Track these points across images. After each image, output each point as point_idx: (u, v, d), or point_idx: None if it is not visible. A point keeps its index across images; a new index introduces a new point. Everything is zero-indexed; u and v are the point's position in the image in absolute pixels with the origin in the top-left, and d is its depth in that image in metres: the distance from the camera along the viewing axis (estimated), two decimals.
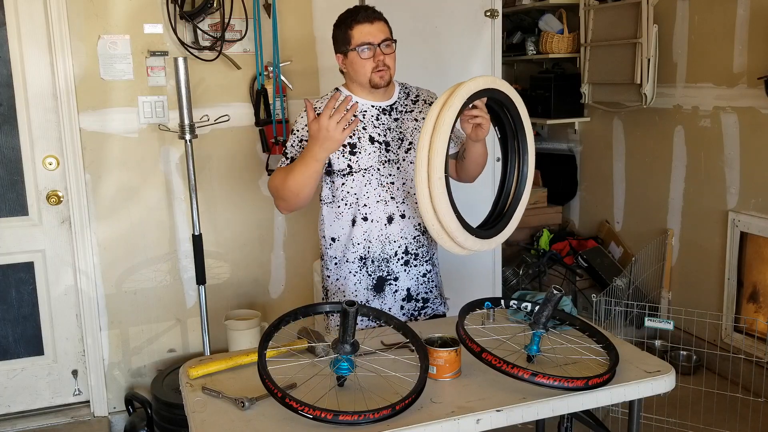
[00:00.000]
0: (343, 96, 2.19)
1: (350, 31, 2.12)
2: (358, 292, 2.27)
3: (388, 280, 2.26)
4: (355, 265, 2.26)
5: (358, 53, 2.12)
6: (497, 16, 3.63)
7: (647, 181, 4.12)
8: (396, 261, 2.26)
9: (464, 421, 1.56)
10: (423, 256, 2.29)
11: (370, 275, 2.26)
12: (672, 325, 2.82)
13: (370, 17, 2.13)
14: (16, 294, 3.18)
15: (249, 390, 1.67)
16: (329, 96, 2.24)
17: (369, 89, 2.18)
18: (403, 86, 2.30)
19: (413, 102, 2.27)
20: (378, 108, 2.21)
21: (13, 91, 3.02)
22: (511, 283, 4.41)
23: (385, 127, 2.21)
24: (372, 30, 2.12)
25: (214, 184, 3.32)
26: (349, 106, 2.02)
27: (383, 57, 2.13)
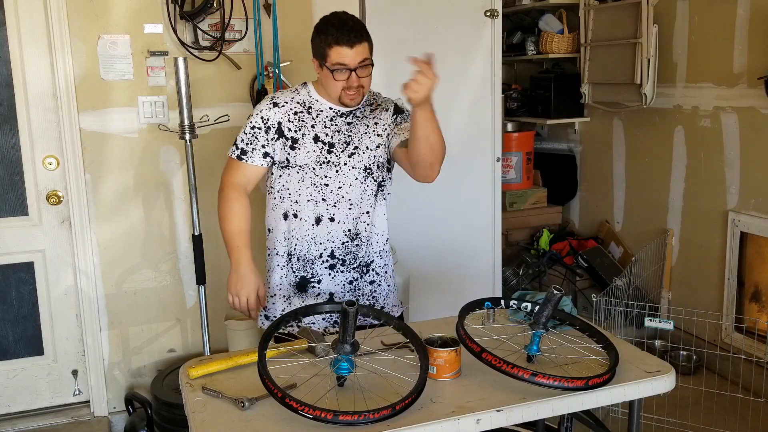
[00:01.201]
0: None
1: (328, 49, 2.09)
2: (282, 286, 2.29)
3: (311, 281, 2.26)
4: (283, 259, 2.27)
5: (332, 74, 2.11)
6: (497, 16, 3.64)
7: (647, 181, 4.12)
8: (320, 263, 2.25)
9: (464, 421, 1.56)
10: (350, 263, 2.26)
11: (294, 272, 2.26)
12: (672, 325, 2.82)
13: (352, 41, 2.07)
14: (16, 294, 3.17)
15: (249, 390, 1.67)
16: (291, 89, 2.26)
17: (330, 96, 2.19)
18: (372, 95, 2.30)
19: (371, 110, 2.26)
20: (335, 111, 2.21)
21: (13, 91, 3.02)
22: (511, 283, 4.41)
23: (336, 129, 2.20)
24: (350, 54, 2.08)
25: (214, 184, 3.31)
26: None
27: (357, 81, 2.11)
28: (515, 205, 4.61)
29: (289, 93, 2.25)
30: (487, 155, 3.79)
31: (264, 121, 2.18)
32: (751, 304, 3.58)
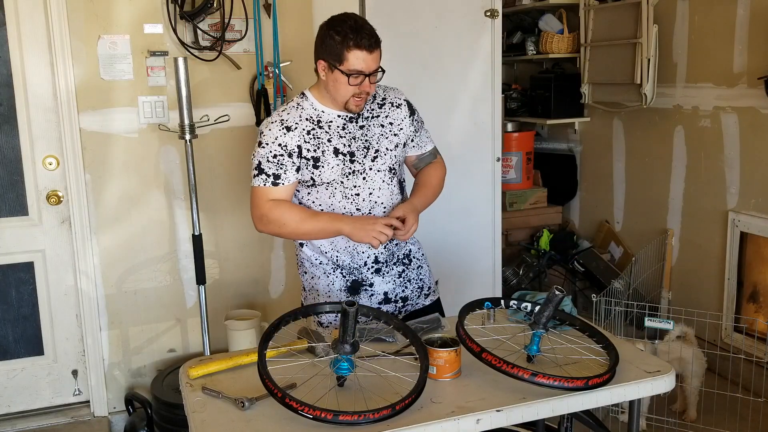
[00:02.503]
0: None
1: (346, 52, 2.02)
2: (331, 292, 2.25)
3: (364, 285, 2.26)
4: (329, 266, 2.25)
5: (347, 78, 2.05)
6: (497, 16, 3.64)
7: (647, 181, 4.12)
8: (366, 270, 2.24)
9: (464, 421, 1.56)
10: (391, 260, 2.27)
11: (345, 277, 2.25)
12: (672, 325, 2.82)
13: (372, 46, 2.03)
14: (16, 294, 3.17)
15: (249, 390, 1.67)
16: (293, 105, 2.17)
17: (334, 102, 2.14)
18: None
19: (379, 105, 2.23)
20: (344, 118, 2.16)
21: (13, 91, 3.02)
22: (511, 283, 4.41)
23: (351, 136, 2.15)
24: (368, 59, 2.03)
25: (214, 184, 3.32)
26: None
27: (369, 87, 2.08)
28: (515, 205, 4.61)
29: (294, 111, 2.15)
30: (487, 155, 3.79)
31: (283, 147, 2.10)
32: (749, 305, 3.58)
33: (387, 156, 2.19)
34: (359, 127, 2.17)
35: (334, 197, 2.16)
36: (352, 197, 2.16)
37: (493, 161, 3.80)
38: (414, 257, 2.34)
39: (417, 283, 2.34)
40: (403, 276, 2.30)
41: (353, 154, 2.15)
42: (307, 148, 2.11)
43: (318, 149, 2.12)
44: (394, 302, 2.29)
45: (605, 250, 4.47)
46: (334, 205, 2.16)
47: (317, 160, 2.12)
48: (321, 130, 2.13)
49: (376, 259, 2.24)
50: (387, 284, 2.27)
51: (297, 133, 2.11)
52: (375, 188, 2.18)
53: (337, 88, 2.08)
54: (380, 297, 2.27)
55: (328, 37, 2.06)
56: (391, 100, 2.25)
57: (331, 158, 2.12)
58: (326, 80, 2.11)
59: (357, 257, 2.22)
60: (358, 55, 2.02)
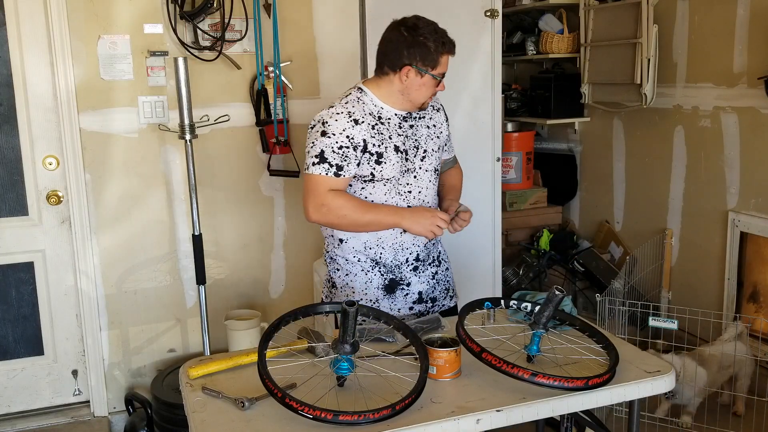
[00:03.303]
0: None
1: (440, 57, 2.11)
2: (368, 290, 2.26)
3: (401, 284, 2.27)
4: (367, 264, 2.26)
5: (435, 81, 2.14)
6: (497, 16, 3.63)
7: (647, 181, 4.12)
8: (406, 267, 2.27)
9: (464, 421, 1.56)
10: (426, 259, 2.30)
11: (383, 276, 2.26)
12: (676, 325, 2.82)
13: (454, 50, 2.16)
14: (16, 294, 3.18)
15: (249, 390, 1.67)
16: (355, 99, 2.18)
17: (404, 102, 2.17)
18: None
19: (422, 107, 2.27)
20: (399, 116, 2.20)
21: (13, 91, 3.02)
22: (511, 283, 4.40)
23: (405, 134, 2.20)
24: (448, 62, 2.16)
25: (214, 184, 3.32)
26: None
27: (443, 87, 2.19)
28: (515, 205, 4.61)
29: (357, 104, 2.16)
30: (487, 155, 3.78)
31: (350, 139, 2.10)
32: (749, 305, 3.58)
33: (433, 157, 2.26)
34: (409, 126, 2.22)
35: (389, 194, 2.19)
36: (405, 194, 2.21)
37: (493, 161, 3.80)
38: (442, 259, 2.39)
39: (444, 285, 2.38)
40: (435, 277, 2.34)
41: (407, 153, 2.19)
42: (372, 143, 2.13)
43: (381, 145, 2.15)
44: (425, 302, 2.32)
45: (605, 250, 4.47)
46: (388, 201, 2.20)
47: (380, 156, 2.14)
48: (383, 126, 2.17)
49: (417, 257, 2.27)
50: (422, 284, 2.30)
51: (364, 127, 2.13)
52: (423, 187, 2.23)
53: (422, 92, 2.15)
54: (415, 296, 2.29)
55: (419, 44, 2.10)
56: (432, 103, 2.31)
57: (392, 155, 2.16)
58: (408, 84, 2.13)
59: (400, 254, 2.24)
60: (447, 60, 2.15)
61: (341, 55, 3.42)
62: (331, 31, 3.39)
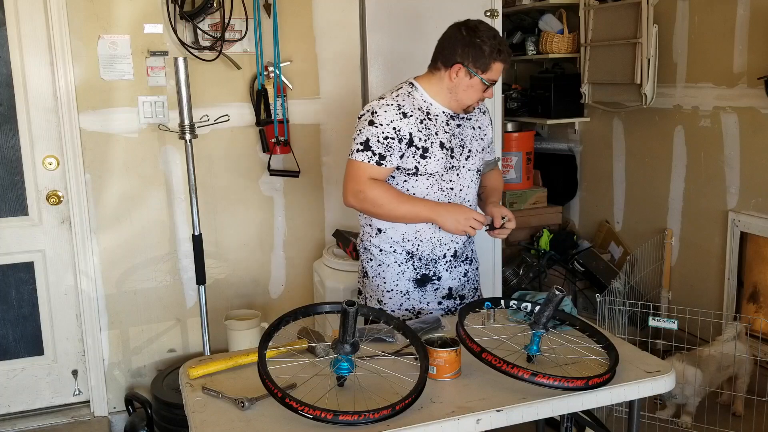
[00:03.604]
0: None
1: (493, 63, 2.13)
2: (399, 282, 2.29)
3: (432, 279, 2.30)
4: (401, 256, 2.28)
5: (484, 85, 2.16)
6: (497, 16, 3.63)
7: (647, 181, 4.12)
8: (443, 262, 2.30)
9: (464, 421, 1.56)
10: (460, 256, 2.33)
11: (416, 269, 2.29)
12: (676, 325, 2.83)
13: (509, 61, 2.17)
14: (16, 294, 3.18)
15: (249, 390, 1.67)
16: (405, 93, 2.21)
17: (451, 101, 2.20)
18: None
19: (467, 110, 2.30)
20: (447, 114, 2.23)
21: (13, 91, 3.02)
22: (511, 283, 4.40)
23: (452, 132, 2.23)
24: (501, 72, 2.17)
25: (214, 184, 3.32)
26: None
27: (491, 94, 2.20)
28: (515, 205, 4.61)
29: (407, 98, 2.19)
30: None
31: (396, 131, 2.14)
32: (749, 305, 3.58)
33: (477, 157, 2.29)
34: (456, 125, 2.25)
35: (431, 188, 2.22)
36: (447, 191, 2.24)
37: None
38: (474, 258, 2.42)
39: (473, 284, 2.42)
40: (467, 275, 2.38)
41: (452, 150, 2.22)
42: (419, 137, 2.17)
43: (428, 140, 2.18)
44: (454, 299, 2.35)
45: (605, 250, 4.47)
46: (429, 196, 2.22)
47: (426, 150, 2.17)
48: (430, 122, 2.20)
49: (455, 254, 2.30)
50: (453, 280, 2.33)
51: (412, 120, 2.16)
52: (465, 186, 2.27)
53: (469, 94, 2.18)
54: (445, 291, 2.32)
55: (475, 45, 2.13)
56: (479, 105, 2.32)
57: (437, 150, 2.19)
58: (457, 83, 2.17)
59: (437, 248, 2.27)
60: (498, 68, 2.16)
61: (341, 55, 3.42)
62: (331, 30, 3.39)
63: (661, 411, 3.16)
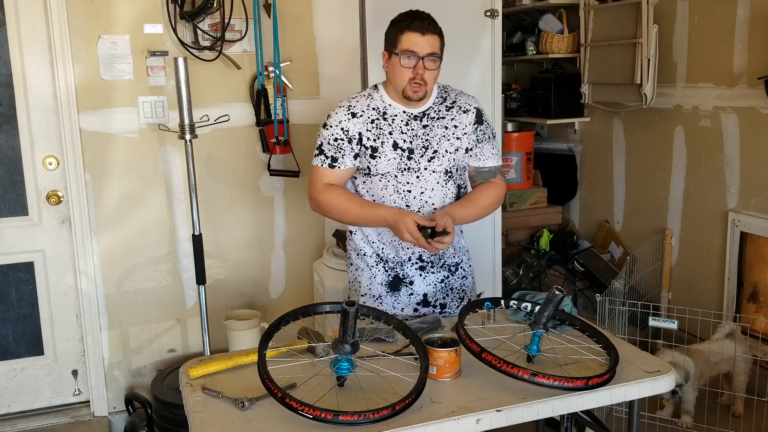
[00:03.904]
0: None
1: (400, 35, 2.11)
2: (372, 286, 2.29)
3: (404, 282, 2.28)
4: (373, 259, 2.29)
5: (399, 59, 2.11)
6: (497, 16, 3.63)
7: (647, 181, 4.12)
8: (410, 266, 2.27)
9: (464, 421, 1.56)
10: (437, 263, 2.30)
11: (387, 272, 2.28)
12: (676, 325, 2.83)
13: (424, 29, 2.10)
14: (16, 294, 3.18)
15: (249, 390, 1.67)
16: (364, 95, 2.23)
17: (396, 94, 2.19)
18: (442, 89, 2.28)
19: (447, 108, 2.25)
20: (409, 114, 2.20)
21: (13, 91, 3.02)
22: (511, 283, 4.40)
23: (413, 133, 2.20)
24: (420, 41, 2.09)
25: (215, 184, 3.32)
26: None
27: (423, 71, 2.11)
28: (515, 205, 4.61)
29: (363, 99, 2.22)
30: None
31: (345, 132, 2.17)
32: (749, 304, 3.58)
33: (445, 158, 2.22)
34: (422, 126, 2.21)
35: (386, 190, 2.21)
36: (404, 193, 2.21)
37: None
38: (461, 267, 2.37)
39: (458, 293, 2.37)
40: (446, 282, 2.33)
41: (412, 151, 2.19)
42: (368, 136, 2.17)
43: (378, 140, 2.17)
44: (433, 306, 2.32)
45: (605, 250, 4.47)
46: (385, 197, 2.21)
47: (375, 150, 2.17)
48: (384, 122, 2.19)
49: (420, 257, 2.27)
50: (428, 286, 2.30)
51: (361, 120, 2.18)
52: (428, 188, 2.22)
53: (394, 74, 2.15)
54: (419, 298, 2.30)
55: (390, 27, 2.17)
56: (461, 104, 2.28)
57: (389, 151, 2.17)
58: (388, 71, 2.18)
59: (402, 252, 2.26)
60: (410, 37, 2.10)
61: (341, 55, 3.42)
62: (331, 30, 3.39)
63: (660, 411, 3.16)
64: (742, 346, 3.08)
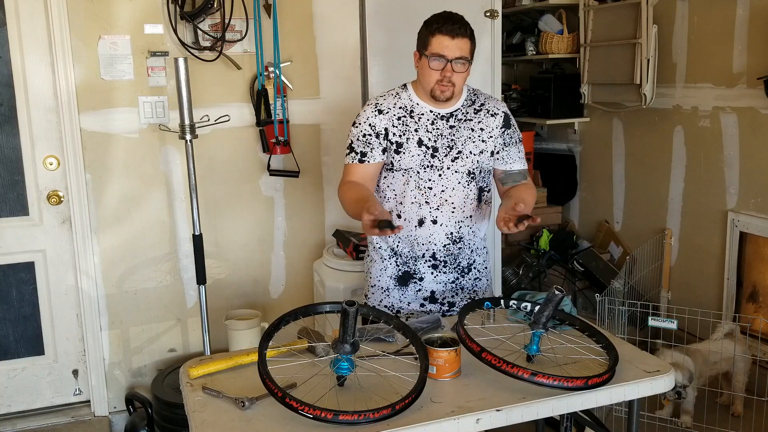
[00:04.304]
0: (390, 219, 1.95)
1: (431, 37, 2.13)
2: (381, 278, 2.32)
3: (414, 278, 2.30)
4: (386, 252, 2.31)
5: (428, 61, 2.13)
6: (497, 16, 3.63)
7: (647, 181, 4.13)
8: (423, 263, 2.29)
9: (464, 420, 1.56)
10: (451, 263, 2.30)
11: (398, 266, 2.30)
12: (675, 325, 2.83)
13: (454, 32, 2.11)
14: (17, 294, 3.18)
15: (249, 390, 1.67)
16: (393, 93, 2.27)
17: (424, 94, 2.22)
18: (472, 93, 2.30)
19: (475, 111, 2.27)
20: (436, 114, 2.23)
21: (13, 91, 3.02)
22: (510, 283, 4.41)
23: (438, 132, 2.22)
24: (450, 45, 2.11)
25: (215, 184, 3.32)
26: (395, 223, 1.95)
27: (451, 74, 2.13)
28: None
29: (391, 98, 2.25)
30: None
31: (372, 127, 2.21)
32: (749, 304, 3.58)
33: (468, 159, 2.24)
34: (449, 126, 2.23)
35: (407, 185, 2.23)
36: (425, 189, 2.23)
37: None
38: (475, 268, 2.37)
39: (469, 293, 2.37)
40: (456, 283, 2.34)
41: (436, 150, 2.21)
42: (394, 132, 2.21)
43: (403, 135, 2.21)
44: (441, 303, 2.33)
45: (605, 250, 4.47)
46: (406, 192, 2.24)
47: (400, 145, 2.21)
48: (411, 119, 2.22)
49: (434, 256, 2.28)
50: (437, 284, 2.31)
51: (387, 116, 2.22)
52: (449, 187, 2.23)
53: (423, 75, 2.18)
54: (427, 294, 2.32)
55: (423, 27, 2.19)
56: (489, 107, 2.30)
57: (413, 147, 2.20)
58: (418, 70, 2.22)
59: (416, 247, 2.27)
60: (440, 40, 2.12)
61: (341, 55, 3.42)
62: (332, 30, 3.39)
63: (660, 411, 3.16)
64: (741, 346, 3.08)
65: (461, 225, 2.27)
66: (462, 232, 2.27)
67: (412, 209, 2.24)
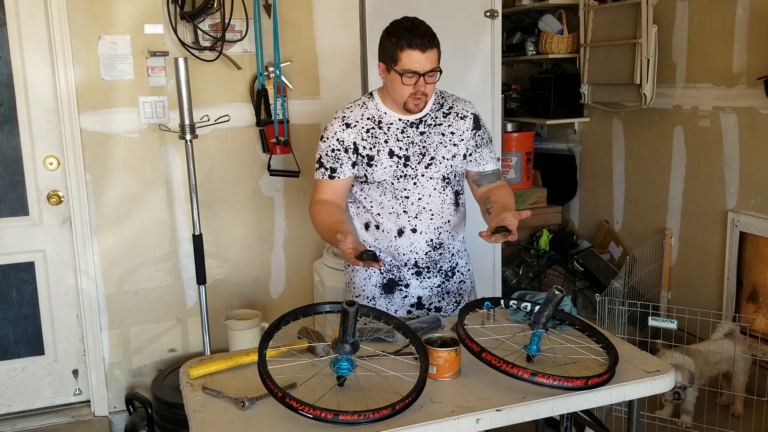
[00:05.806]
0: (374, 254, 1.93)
1: (400, 52, 2.05)
2: (366, 287, 2.29)
3: (399, 285, 2.28)
4: None
5: (401, 78, 2.07)
6: (497, 16, 3.63)
7: (647, 181, 4.13)
8: (407, 270, 2.28)
9: (464, 420, 1.57)
10: (434, 268, 2.30)
11: (382, 275, 2.28)
12: (675, 325, 2.83)
13: (425, 46, 2.04)
14: (17, 294, 3.18)
15: (249, 390, 1.67)
16: (359, 104, 2.22)
17: (393, 103, 2.18)
18: (439, 95, 2.26)
19: (444, 115, 2.24)
20: (405, 122, 2.20)
21: (13, 91, 3.03)
22: (510, 283, 4.41)
23: (409, 140, 2.19)
24: (421, 59, 2.05)
25: (215, 184, 3.33)
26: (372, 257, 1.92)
27: (424, 87, 2.09)
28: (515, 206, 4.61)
29: (358, 109, 2.21)
30: None
31: (340, 142, 2.18)
32: (749, 304, 3.58)
33: (442, 164, 2.21)
34: (419, 133, 2.20)
35: (384, 196, 2.21)
36: (402, 199, 2.21)
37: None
38: (458, 271, 2.36)
39: (455, 297, 2.36)
40: (442, 287, 2.33)
41: (408, 158, 2.18)
42: (363, 145, 2.17)
43: (374, 148, 2.17)
44: (428, 309, 2.32)
45: (605, 250, 4.47)
46: (383, 203, 2.22)
47: (371, 158, 2.18)
48: (380, 130, 2.18)
49: (416, 264, 2.27)
50: (423, 290, 2.30)
51: (355, 130, 2.18)
52: (425, 194, 2.21)
53: (395, 89, 2.12)
54: (413, 300, 2.30)
55: (386, 39, 2.11)
56: (458, 110, 2.26)
57: (385, 158, 2.17)
58: (385, 82, 2.16)
59: (397, 258, 2.26)
60: (410, 55, 2.05)
61: (341, 55, 3.42)
62: (331, 31, 3.39)
63: (660, 410, 3.16)
64: (741, 346, 3.08)
65: (440, 231, 2.25)
66: (442, 237, 2.26)
67: (390, 219, 2.22)
